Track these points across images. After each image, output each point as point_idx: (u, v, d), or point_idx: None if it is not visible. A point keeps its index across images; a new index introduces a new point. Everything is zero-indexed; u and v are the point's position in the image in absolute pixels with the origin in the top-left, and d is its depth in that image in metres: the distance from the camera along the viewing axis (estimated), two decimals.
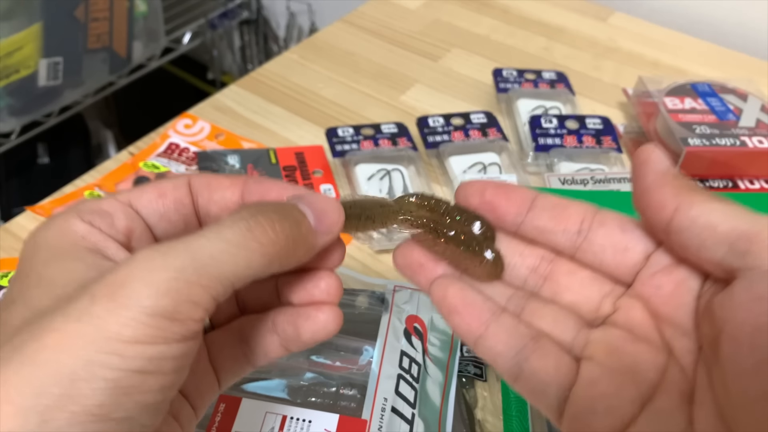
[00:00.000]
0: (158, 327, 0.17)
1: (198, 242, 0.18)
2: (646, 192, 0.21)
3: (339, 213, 0.22)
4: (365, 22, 0.73)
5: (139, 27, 0.91)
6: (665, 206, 0.20)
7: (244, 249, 0.19)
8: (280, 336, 0.23)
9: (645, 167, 0.21)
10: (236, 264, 0.18)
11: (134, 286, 0.17)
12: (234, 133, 0.58)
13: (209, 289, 0.18)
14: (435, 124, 0.56)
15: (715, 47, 0.70)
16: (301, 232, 0.20)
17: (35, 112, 0.85)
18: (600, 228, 0.22)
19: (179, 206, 0.22)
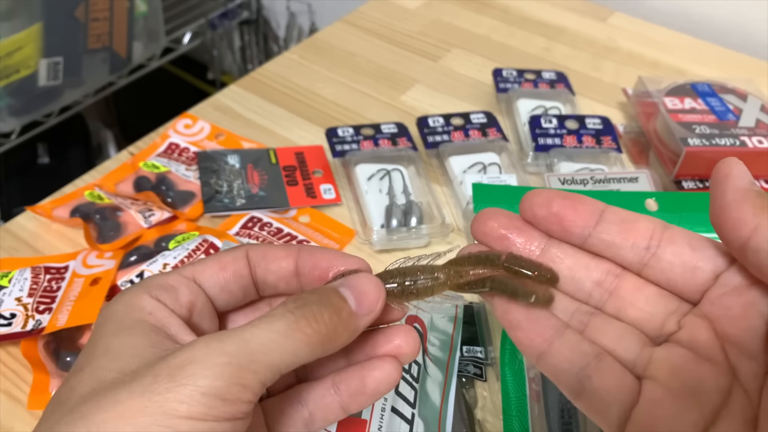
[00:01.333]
0: (211, 406, 0.19)
1: (251, 332, 0.20)
2: (724, 208, 0.20)
3: (379, 292, 0.23)
4: (365, 22, 0.73)
5: (139, 27, 0.91)
6: (744, 225, 0.20)
7: (291, 339, 0.20)
8: (342, 395, 0.24)
9: (725, 183, 0.20)
10: (284, 352, 0.20)
11: (192, 369, 0.19)
12: (234, 133, 0.58)
13: (258, 374, 0.20)
14: (435, 124, 0.56)
15: (714, 47, 0.71)
16: (342, 319, 0.22)
17: (35, 112, 0.85)
18: (669, 245, 0.22)
19: (238, 278, 0.24)
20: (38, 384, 0.38)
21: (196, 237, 0.46)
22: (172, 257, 0.45)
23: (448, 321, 0.41)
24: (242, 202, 0.51)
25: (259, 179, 0.53)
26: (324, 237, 0.49)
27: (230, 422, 0.19)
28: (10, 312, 0.42)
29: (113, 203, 0.50)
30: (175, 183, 0.52)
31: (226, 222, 0.50)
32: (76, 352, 0.40)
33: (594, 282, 0.23)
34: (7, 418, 0.39)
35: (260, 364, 0.20)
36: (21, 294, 0.43)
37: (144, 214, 0.49)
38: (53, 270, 0.45)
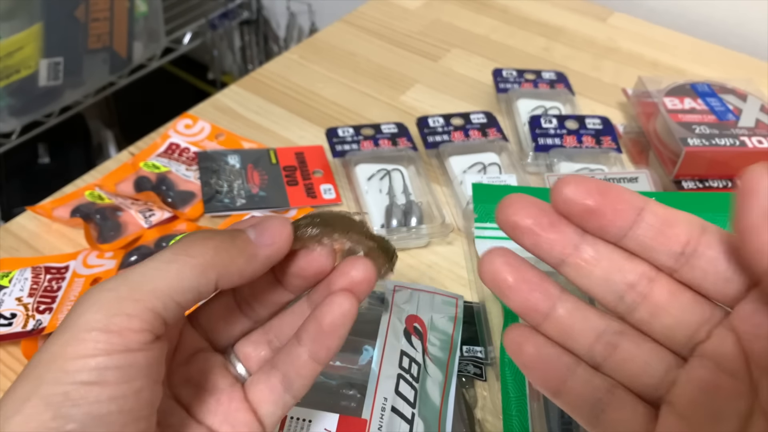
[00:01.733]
0: (96, 340, 0.19)
1: (133, 267, 0.21)
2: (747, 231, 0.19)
3: (283, 226, 0.23)
4: (365, 22, 0.73)
5: (139, 27, 0.91)
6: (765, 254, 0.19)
7: (174, 263, 0.21)
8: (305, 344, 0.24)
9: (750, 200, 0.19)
10: (167, 277, 0.21)
11: (76, 310, 0.20)
12: (234, 133, 0.58)
13: (143, 302, 0.20)
14: (435, 124, 0.56)
15: (714, 47, 0.71)
16: (236, 244, 0.22)
17: (36, 112, 0.86)
18: (706, 251, 0.21)
19: None
20: None
21: None
22: None
23: (448, 321, 0.41)
24: (242, 202, 0.51)
25: (259, 179, 0.53)
26: None
27: (123, 354, 0.20)
28: (11, 312, 0.42)
29: (114, 203, 0.50)
30: (175, 183, 0.53)
31: (227, 222, 0.50)
32: None
33: (627, 284, 0.22)
34: None
35: (143, 292, 0.20)
36: (21, 294, 0.43)
37: (144, 214, 0.49)
38: (54, 270, 0.46)
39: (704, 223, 0.21)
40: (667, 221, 0.21)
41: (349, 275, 0.25)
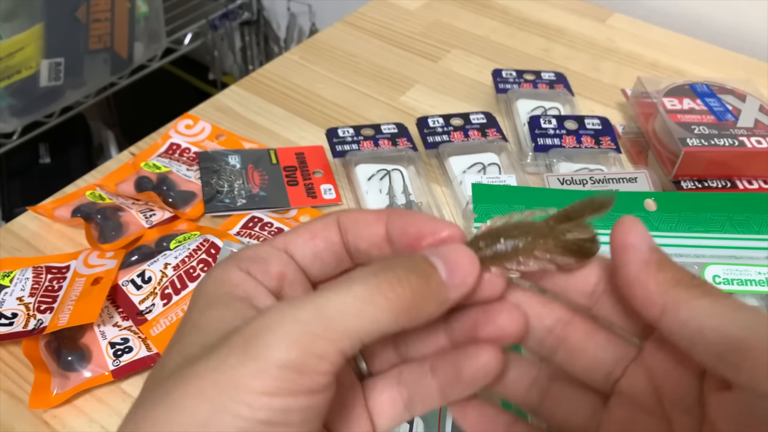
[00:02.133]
0: (285, 379, 0.18)
1: (326, 296, 0.19)
2: (629, 284, 0.20)
3: (473, 265, 0.21)
4: (365, 23, 0.73)
5: (140, 28, 0.91)
6: (651, 305, 0.20)
7: (371, 304, 0.19)
8: (439, 380, 0.23)
9: (625, 255, 0.20)
10: (363, 319, 0.19)
11: (265, 339, 0.18)
12: (235, 133, 0.58)
13: (336, 343, 0.18)
14: (435, 124, 0.56)
15: (713, 48, 0.71)
16: (431, 287, 0.20)
17: (37, 112, 0.86)
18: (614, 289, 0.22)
19: (329, 245, 0.23)
20: (39, 383, 0.39)
21: (197, 237, 0.47)
22: (173, 257, 0.45)
23: None
24: (243, 202, 0.51)
25: (259, 179, 0.53)
26: None
27: (307, 396, 0.18)
28: (12, 311, 0.42)
29: (114, 203, 0.50)
30: (176, 183, 0.53)
31: (227, 222, 0.50)
32: (77, 352, 0.40)
33: (545, 329, 0.23)
34: (8, 418, 0.39)
35: (337, 332, 0.18)
36: (22, 294, 0.44)
37: (145, 214, 0.50)
38: (55, 270, 0.46)
39: None
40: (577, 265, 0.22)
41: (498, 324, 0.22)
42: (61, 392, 0.39)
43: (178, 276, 0.44)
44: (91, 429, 0.38)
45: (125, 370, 0.40)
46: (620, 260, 0.20)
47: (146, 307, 0.43)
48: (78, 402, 0.39)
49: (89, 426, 0.39)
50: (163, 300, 0.43)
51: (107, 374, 0.40)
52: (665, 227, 0.45)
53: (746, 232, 0.45)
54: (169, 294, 0.43)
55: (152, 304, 0.43)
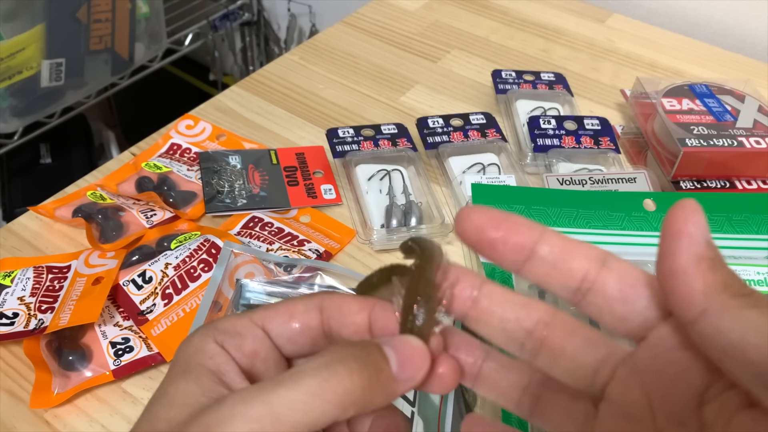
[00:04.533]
0: None
1: (277, 392, 0.19)
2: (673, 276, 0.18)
3: (425, 360, 0.21)
4: (365, 23, 0.73)
5: (141, 28, 0.92)
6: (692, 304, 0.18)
7: (320, 399, 0.19)
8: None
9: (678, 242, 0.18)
10: (311, 413, 0.19)
11: None
12: (235, 133, 0.59)
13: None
14: (434, 125, 0.56)
15: (712, 48, 0.71)
16: (380, 381, 0.21)
17: (38, 112, 0.86)
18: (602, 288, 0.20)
19: (306, 329, 0.24)
20: (40, 383, 0.39)
21: (197, 237, 0.47)
22: (174, 257, 0.45)
23: (449, 319, 0.42)
24: (243, 202, 0.51)
25: (260, 179, 0.53)
26: (325, 237, 0.50)
27: None
28: (13, 311, 0.43)
29: (115, 203, 0.50)
30: (176, 183, 0.53)
31: (228, 222, 0.50)
32: (78, 351, 0.40)
33: (525, 332, 0.22)
34: (9, 417, 0.39)
35: (286, 426, 0.19)
36: (23, 293, 0.44)
37: (146, 214, 0.50)
38: (55, 269, 0.46)
39: (605, 255, 0.20)
40: (563, 255, 0.20)
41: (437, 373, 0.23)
42: (62, 392, 0.39)
43: (179, 276, 0.44)
44: (92, 429, 0.39)
45: (126, 369, 0.40)
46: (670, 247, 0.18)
47: (147, 307, 0.43)
48: (79, 401, 0.40)
49: (90, 426, 0.39)
50: (164, 300, 0.43)
51: (108, 374, 0.40)
52: None
53: (745, 232, 0.46)
54: (170, 294, 0.43)
55: (153, 304, 0.43)
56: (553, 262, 0.20)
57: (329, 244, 0.49)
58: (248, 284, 0.43)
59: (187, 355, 0.23)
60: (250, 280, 0.43)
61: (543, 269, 0.21)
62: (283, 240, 0.48)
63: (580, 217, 0.46)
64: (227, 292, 0.43)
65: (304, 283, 0.44)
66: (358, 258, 0.48)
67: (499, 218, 0.21)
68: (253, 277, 0.44)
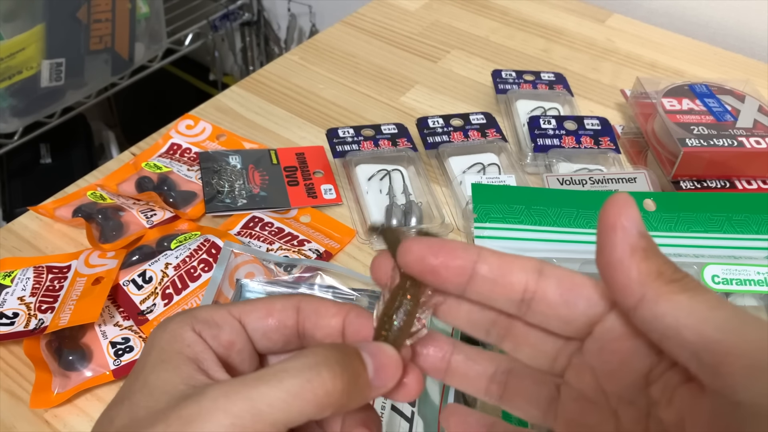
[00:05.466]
0: None
1: (259, 390, 0.20)
2: (610, 267, 0.19)
3: (398, 369, 0.23)
4: (365, 23, 0.73)
5: (141, 28, 0.92)
6: (630, 293, 0.19)
7: (300, 399, 0.20)
8: None
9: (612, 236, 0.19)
10: (291, 412, 0.20)
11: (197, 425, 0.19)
12: (235, 133, 0.59)
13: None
14: (435, 124, 0.56)
15: (712, 48, 0.71)
16: (358, 386, 0.22)
17: (38, 112, 0.86)
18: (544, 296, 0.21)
19: (281, 327, 0.24)
20: (40, 383, 0.39)
21: (197, 237, 0.47)
22: (174, 257, 0.45)
23: None
24: (243, 202, 0.51)
25: (260, 179, 0.53)
26: (325, 237, 0.50)
27: None
28: (13, 311, 0.43)
29: (115, 203, 0.50)
30: (176, 183, 0.53)
31: (228, 222, 0.50)
32: (78, 351, 0.40)
33: (490, 321, 0.23)
34: (9, 417, 0.39)
35: (265, 424, 0.20)
36: (24, 293, 0.44)
37: (146, 214, 0.50)
38: (56, 269, 0.46)
39: (541, 265, 0.21)
40: (501, 271, 0.21)
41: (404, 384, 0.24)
42: (62, 392, 0.39)
43: (179, 276, 0.44)
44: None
45: (126, 369, 0.40)
46: (606, 240, 0.20)
47: (147, 306, 0.43)
48: (79, 401, 0.40)
49: (90, 425, 0.39)
50: (164, 300, 0.43)
51: (108, 374, 0.40)
52: (664, 227, 0.45)
53: (745, 232, 0.46)
54: (170, 294, 0.43)
55: (153, 304, 0.43)
56: (493, 278, 0.21)
57: (329, 244, 0.49)
58: (248, 284, 0.43)
59: (163, 342, 0.23)
60: (250, 280, 0.43)
61: (485, 287, 0.22)
62: (283, 240, 0.48)
63: (580, 217, 0.46)
64: (227, 292, 0.43)
65: (304, 283, 0.44)
66: (358, 258, 0.48)
67: (437, 246, 0.22)
68: (253, 277, 0.44)
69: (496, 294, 0.22)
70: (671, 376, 0.19)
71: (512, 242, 0.45)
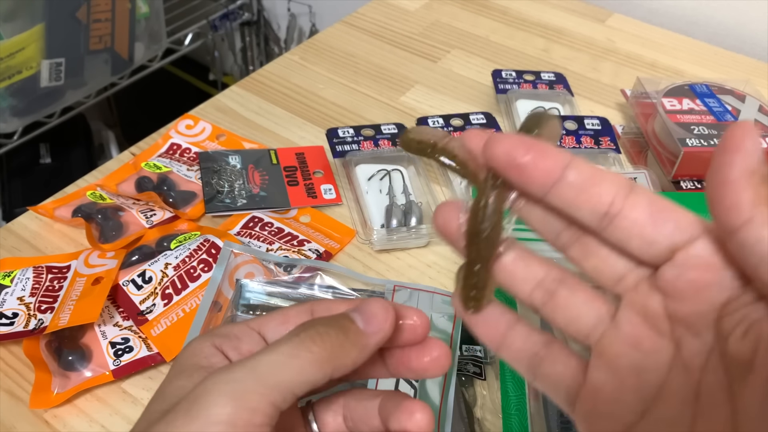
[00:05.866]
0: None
1: (257, 357, 0.22)
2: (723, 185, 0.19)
3: (388, 314, 0.24)
4: (365, 23, 0.73)
5: (140, 28, 0.92)
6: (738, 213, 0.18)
7: (296, 358, 0.22)
8: None
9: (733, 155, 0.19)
10: (290, 371, 0.21)
11: (205, 399, 0.21)
12: (235, 133, 0.58)
13: (266, 396, 0.21)
14: (435, 124, 0.56)
15: (713, 48, 0.71)
16: (349, 336, 0.23)
17: (37, 112, 0.86)
18: (630, 212, 0.20)
19: None
20: (40, 383, 0.39)
21: (197, 237, 0.47)
22: (174, 257, 0.45)
23: (448, 320, 0.42)
24: (243, 202, 0.51)
25: (260, 179, 0.53)
26: (325, 237, 0.50)
27: None
28: (13, 311, 0.43)
29: (115, 203, 0.50)
30: (176, 183, 0.53)
31: (228, 222, 0.50)
32: (77, 351, 0.40)
33: (563, 226, 0.22)
34: (9, 417, 0.39)
35: (268, 386, 0.21)
36: (23, 293, 0.44)
37: (146, 214, 0.50)
38: (55, 269, 0.46)
39: (632, 184, 0.21)
40: (591, 180, 0.21)
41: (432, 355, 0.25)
42: (62, 392, 0.39)
43: (179, 276, 0.44)
44: (92, 429, 0.39)
45: (126, 369, 0.40)
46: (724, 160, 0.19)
47: (147, 307, 0.43)
48: (78, 402, 0.40)
49: (90, 426, 0.39)
50: (164, 300, 0.43)
51: (108, 374, 0.40)
52: None
53: None
54: (170, 294, 0.43)
55: (153, 304, 0.43)
56: (580, 186, 0.21)
57: (329, 244, 0.49)
58: (248, 284, 0.43)
59: (183, 358, 0.24)
60: (250, 280, 0.43)
61: (571, 194, 0.21)
62: (283, 240, 0.48)
63: None
64: (227, 292, 0.43)
65: (304, 283, 0.44)
66: (358, 258, 0.48)
67: (528, 143, 0.21)
68: (253, 277, 0.44)
69: (580, 202, 0.21)
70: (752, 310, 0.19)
71: None
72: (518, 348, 0.24)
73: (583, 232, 0.22)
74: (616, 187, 0.20)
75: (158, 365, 0.41)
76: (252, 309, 0.43)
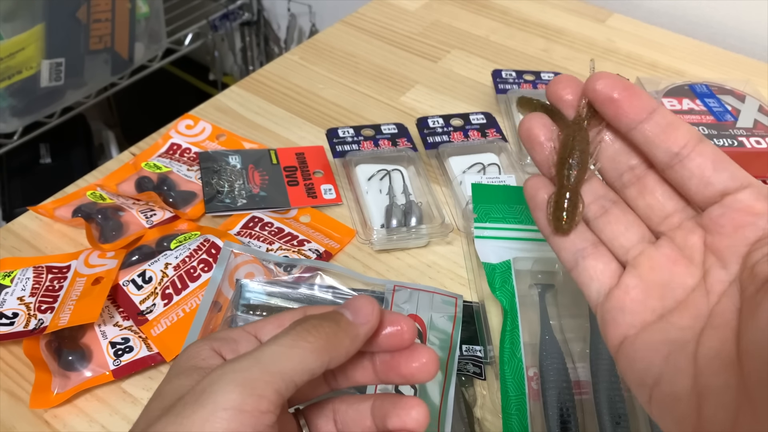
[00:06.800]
0: (231, 419, 0.21)
1: (260, 349, 0.23)
2: None
3: (372, 307, 0.26)
4: (365, 23, 0.73)
5: (140, 28, 0.92)
6: None
7: (296, 348, 0.23)
8: None
9: None
10: (291, 360, 0.23)
11: (213, 388, 0.22)
12: (235, 133, 0.58)
13: (271, 384, 0.22)
14: (435, 124, 0.56)
15: (712, 48, 0.71)
16: (341, 327, 0.25)
17: (37, 112, 0.86)
18: (697, 157, 0.24)
19: None
20: (40, 383, 0.39)
21: (197, 237, 0.47)
22: (174, 257, 0.45)
23: (448, 320, 0.42)
24: (243, 202, 0.51)
25: (260, 179, 0.53)
26: (325, 237, 0.50)
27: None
28: (13, 311, 0.43)
29: (115, 203, 0.50)
30: (176, 183, 0.53)
31: (228, 222, 0.50)
32: (77, 351, 0.40)
33: (629, 166, 0.27)
34: (9, 417, 0.39)
35: (272, 374, 0.22)
36: (23, 293, 0.44)
37: (146, 214, 0.50)
38: (55, 269, 0.46)
39: (702, 136, 0.25)
40: (672, 124, 0.25)
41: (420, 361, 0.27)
42: (62, 392, 0.39)
43: (179, 276, 0.44)
44: (92, 429, 0.39)
45: (126, 369, 0.40)
46: None
47: (147, 307, 0.43)
48: (78, 402, 0.40)
49: (90, 426, 0.39)
50: (164, 300, 0.43)
51: (108, 374, 0.40)
52: None
53: None
54: (170, 294, 0.43)
55: (153, 304, 0.43)
56: (663, 127, 0.25)
57: (329, 244, 0.49)
58: (248, 284, 0.43)
59: (182, 360, 0.25)
60: (250, 280, 0.43)
61: (655, 131, 0.25)
62: (283, 240, 0.48)
63: None
64: (227, 292, 0.43)
65: (304, 283, 0.44)
66: (358, 258, 0.48)
67: (625, 83, 0.25)
68: (253, 277, 0.44)
69: (660, 141, 0.25)
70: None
71: (512, 242, 0.45)
72: (570, 239, 0.27)
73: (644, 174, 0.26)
74: (690, 135, 0.25)
75: (158, 365, 0.41)
76: (252, 309, 0.43)
